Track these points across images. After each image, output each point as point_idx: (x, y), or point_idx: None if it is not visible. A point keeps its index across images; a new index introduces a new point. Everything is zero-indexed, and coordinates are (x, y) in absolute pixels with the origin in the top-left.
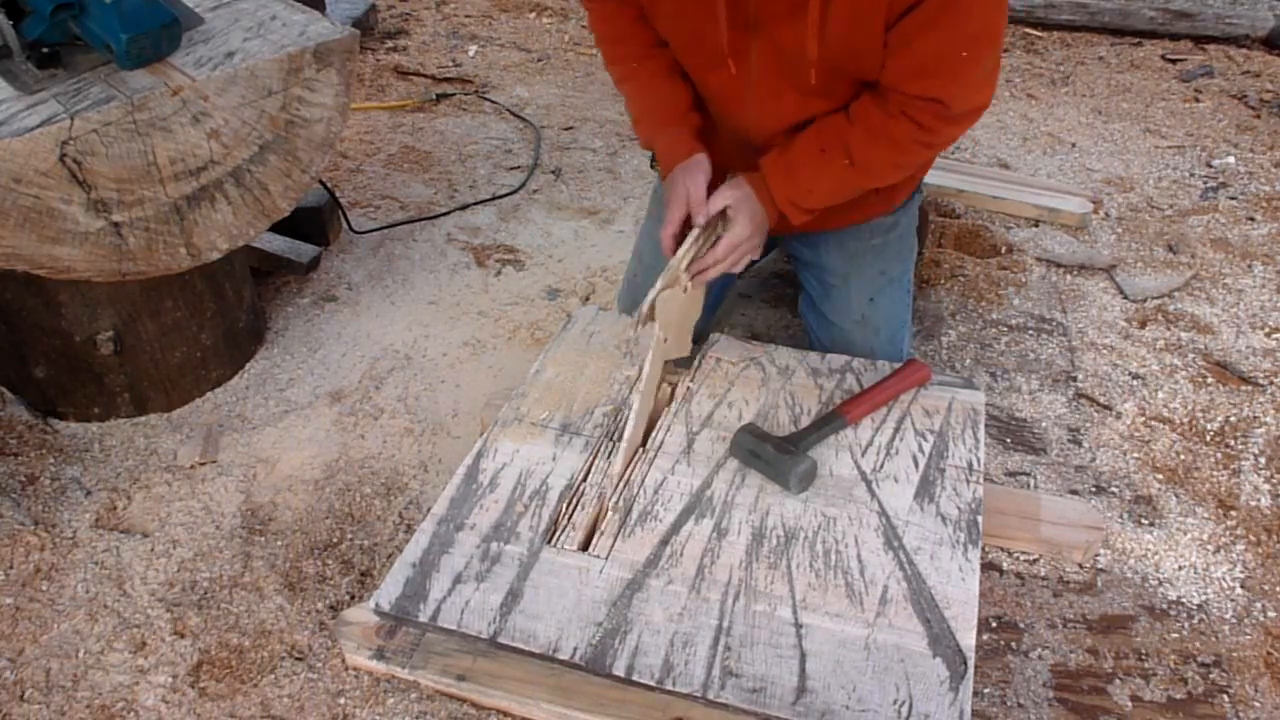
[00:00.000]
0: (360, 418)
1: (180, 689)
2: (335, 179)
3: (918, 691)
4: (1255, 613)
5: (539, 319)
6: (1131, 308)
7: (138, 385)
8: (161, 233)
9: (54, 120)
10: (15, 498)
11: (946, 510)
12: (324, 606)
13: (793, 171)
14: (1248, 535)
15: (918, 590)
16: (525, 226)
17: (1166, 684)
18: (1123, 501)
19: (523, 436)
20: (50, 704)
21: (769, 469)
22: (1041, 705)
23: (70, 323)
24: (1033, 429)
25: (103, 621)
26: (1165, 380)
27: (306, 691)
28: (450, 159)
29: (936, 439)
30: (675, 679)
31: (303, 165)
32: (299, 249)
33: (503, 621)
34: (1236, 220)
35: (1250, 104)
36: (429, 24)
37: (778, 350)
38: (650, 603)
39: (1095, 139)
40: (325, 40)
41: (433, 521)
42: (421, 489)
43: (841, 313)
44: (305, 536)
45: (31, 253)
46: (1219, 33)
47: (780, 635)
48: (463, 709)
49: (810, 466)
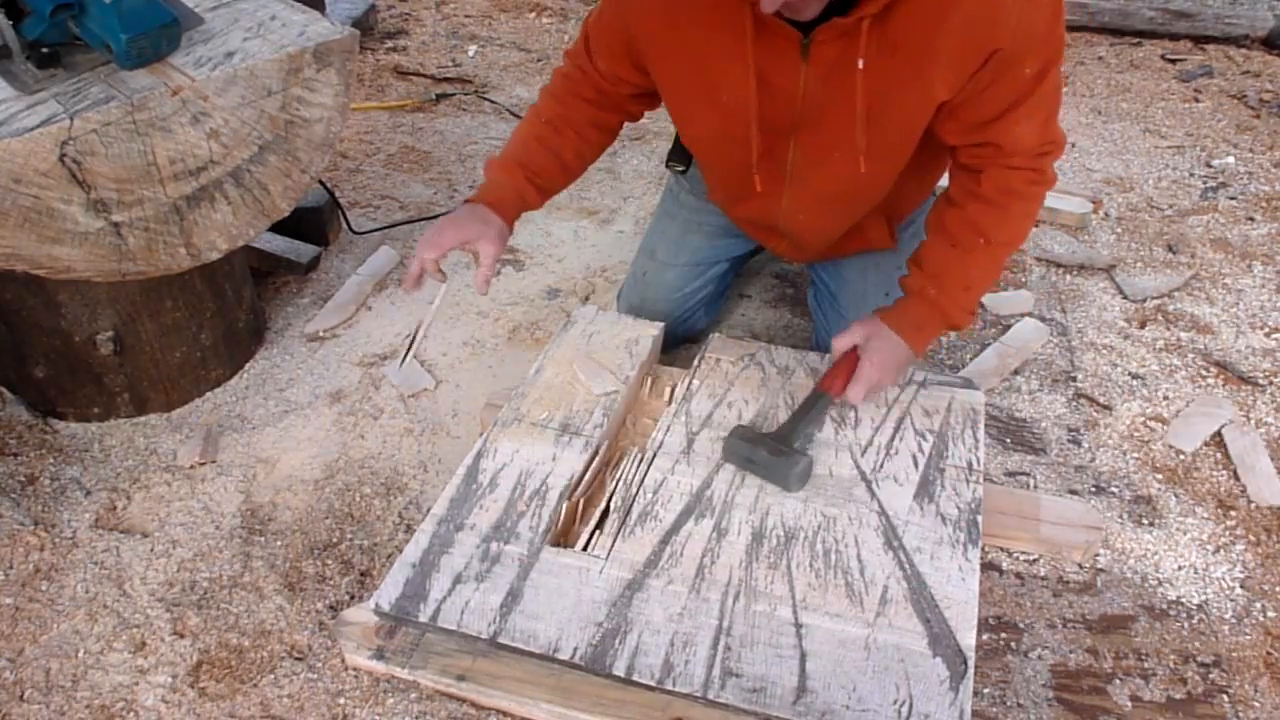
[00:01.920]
0: (360, 418)
1: (180, 689)
2: (335, 179)
3: (918, 691)
4: (1255, 613)
5: (539, 319)
6: (1131, 308)
7: (137, 385)
8: (161, 233)
9: (54, 120)
10: (15, 498)
11: (946, 510)
12: (324, 606)
13: (940, 282)
14: (1248, 535)
15: (918, 590)
16: (525, 226)
17: (1166, 684)
18: (1122, 501)
19: (522, 437)
20: (50, 704)
21: (765, 472)
22: (1041, 705)
23: (70, 323)
24: (1032, 429)
25: (102, 621)
26: (1165, 380)
27: (306, 691)
28: (450, 159)
29: (936, 439)
30: (675, 679)
31: (302, 165)
32: (299, 249)
33: (503, 622)
34: (1236, 220)
35: (1250, 104)
36: (429, 24)
37: (777, 350)
38: (650, 603)
39: (1095, 139)
40: (325, 40)
41: (432, 522)
42: (421, 489)
43: (857, 309)
44: (305, 536)
45: (31, 253)
46: (1219, 33)
47: (780, 635)
48: (462, 709)
49: (807, 464)
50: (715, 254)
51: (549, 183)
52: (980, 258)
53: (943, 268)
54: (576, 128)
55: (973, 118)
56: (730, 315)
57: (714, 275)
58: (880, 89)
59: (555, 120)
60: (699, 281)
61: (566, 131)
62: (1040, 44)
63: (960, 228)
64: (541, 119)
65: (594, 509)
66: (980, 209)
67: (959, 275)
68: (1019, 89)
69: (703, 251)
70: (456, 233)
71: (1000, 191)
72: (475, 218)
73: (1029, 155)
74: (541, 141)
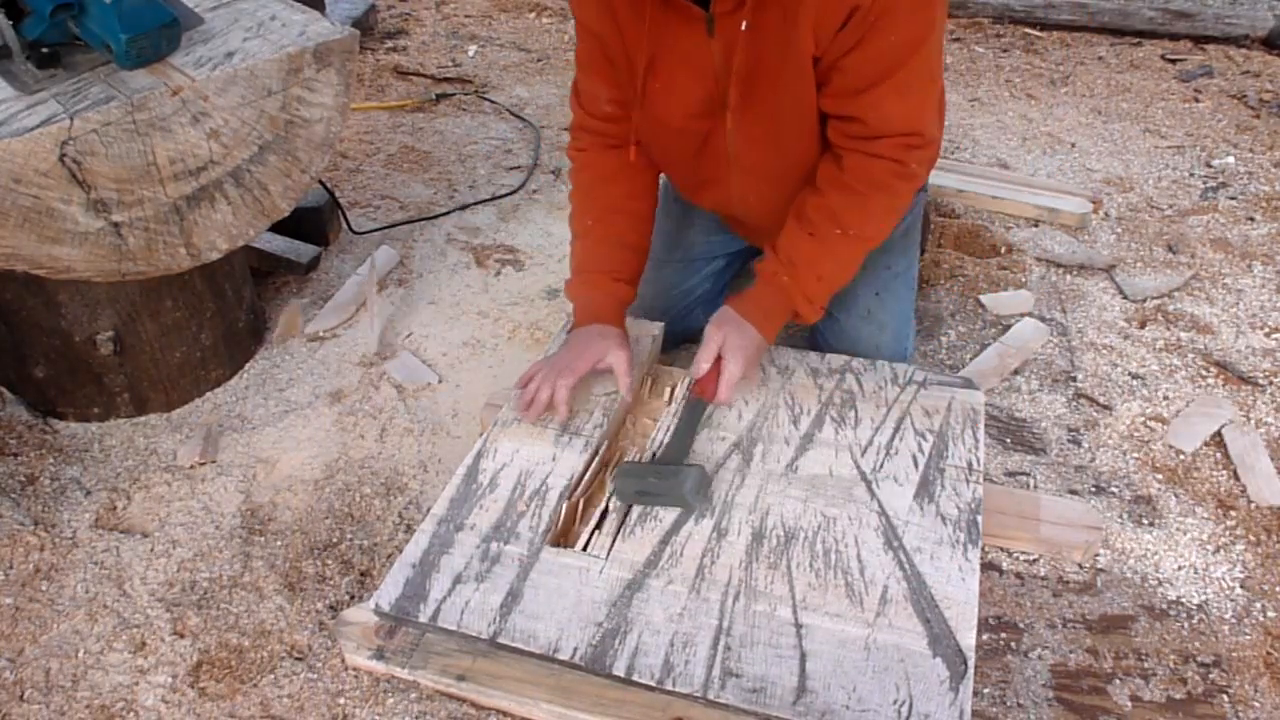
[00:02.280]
0: (360, 418)
1: (180, 689)
2: (335, 179)
3: (918, 691)
4: (1255, 613)
5: (539, 319)
6: (1131, 308)
7: (137, 385)
8: (161, 233)
9: (54, 120)
10: (15, 498)
11: (946, 510)
12: (324, 606)
13: (793, 269)
14: (1247, 535)
15: (918, 590)
16: (525, 226)
17: (1166, 684)
18: (1122, 501)
19: (522, 437)
20: (50, 704)
21: (662, 498)
22: (1041, 705)
23: (70, 323)
24: (1032, 429)
25: (102, 621)
26: (1165, 380)
27: (306, 691)
28: (450, 159)
29: (936, 439)
30: (675, 679)
31: (302, 165)
32: (299, 249)
33: (503, 622)
34: (1236, 220)
35: (1250, 104)
36: (429, 24)
37: (777, 350)
38: (650, 603)
39: (1095, 139)
40: (325, 40)
41: (432, 522)
42: (421, 489)
43: (848, 308)
44: (305, 536)
45: (31, 253)
46: (1219, 33)
47: (780, 635)
48: (462, 709)
49: (699, 474)
50: (710, 249)
51: (632, 269)
52: (837, 248)
53: (797, 254)
54: (617, 207)
55: (843, 83)
56: None
57: (710, 272)
58: (765, 49)
59: (597, 215)
60: (695, 279)
61: (613, 218)
62: (907, 13)
63: (819, 215)
64: (586, 222)
65: (594, 509)
66: (840, 198)
67: (812, 264)
68: (886, 58)
69: (697, 247)
70: (585, 357)
71: (861, 180)
72: (593, 337)
73: (894, 142)
74: (600, 241)
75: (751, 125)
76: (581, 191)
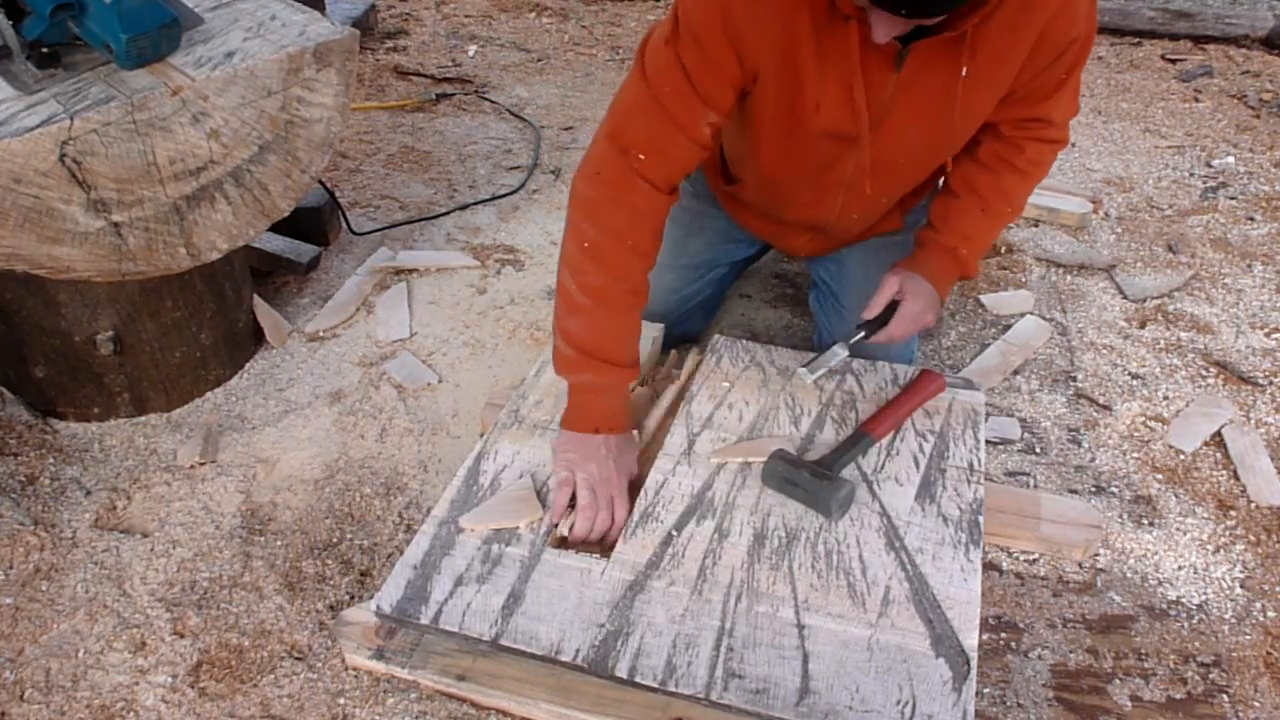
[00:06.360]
0: (360, 418)
1: (180, 689)
2: (335, 179)
3: (921, 692)
4: (1255, 613)
5: (539, 319)
6: (1131, 308)
7: (137, 385)
8: (161, 233)
9: (54, 120)
10: (15, 498)
11: (948, 511)
12: (324, 606)
13: (969, 243)
14: (1247, 535)
15: (920, 591)
16: (525, 226)
17: (1166, 684)
18: (1122, 501)
19: (523, 438)
20: (50, 704)
21: (807, 496)
22: (1041, 705)
23: (70, 323)
24: (1032, 429)
25: (102, 621)
26: (1165, 380)
27: (306, 691)
28: (450, 159)
29: (937, 439)
30: (678, 680)
31: (302, 165)
32: (299, 249)
33: (504, 623)
34: (1236, 220)
35: (1250, 104)
36: (429, 24)
37: (778, 351)
38: (652, 604)
39: (1095, 139)
40: (325, 40)
41: (433, 523)
42: (421, 489)
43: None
44: (305, 536)
45: (31, 253)
46: (1218, 33)
47: (783, 636)
48: (462, 709)
49: (849, 491)
50: (715, 258)
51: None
52: (1003, 222)
53: (973, 229)
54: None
55: (1031, 96)
56: (730, 315)
57: (713, 279)
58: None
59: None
60: (698, 284)
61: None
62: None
63: (993, 195)
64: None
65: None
66: (1015, 180)
67: (986, 236)
68: (1070, 64)
69: (702, 255)
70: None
71: (1035, 164)
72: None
73: (1061, 126)
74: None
75: (896, 154)
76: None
